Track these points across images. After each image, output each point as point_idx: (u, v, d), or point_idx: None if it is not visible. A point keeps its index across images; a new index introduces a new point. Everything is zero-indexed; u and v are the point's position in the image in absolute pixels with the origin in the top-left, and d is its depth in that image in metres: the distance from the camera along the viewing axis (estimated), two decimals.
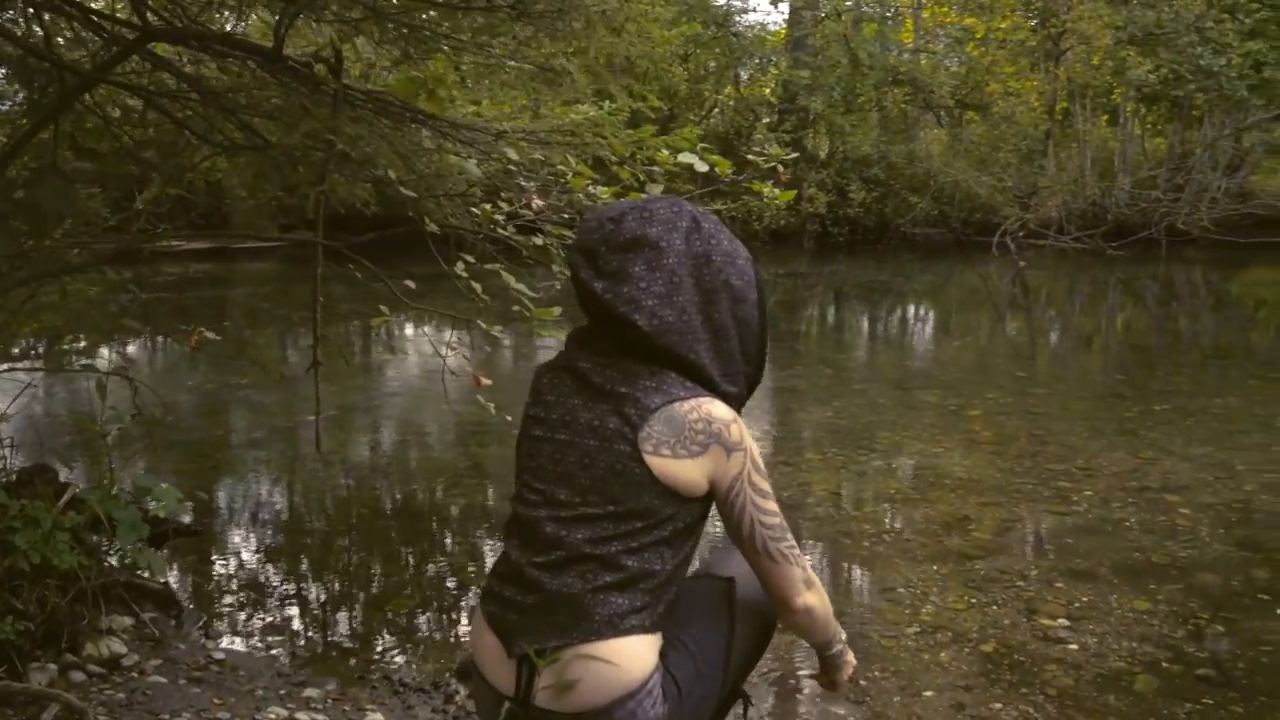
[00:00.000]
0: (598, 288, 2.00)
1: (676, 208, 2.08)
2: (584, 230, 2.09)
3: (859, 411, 6.83)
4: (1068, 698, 3.28)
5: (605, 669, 1.95)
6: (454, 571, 4.24)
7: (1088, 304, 14.27)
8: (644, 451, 1.94)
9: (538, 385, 2.12)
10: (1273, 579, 4.27)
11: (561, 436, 2.02)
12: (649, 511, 1.96)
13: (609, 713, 1.97)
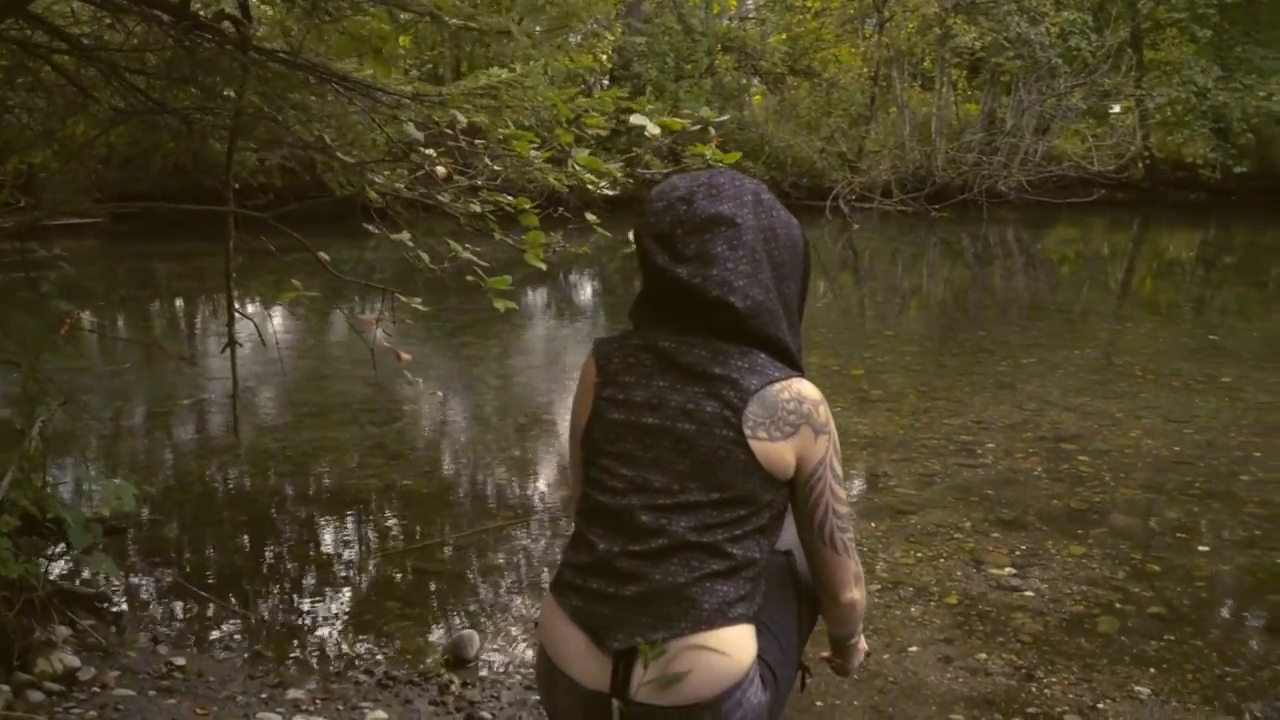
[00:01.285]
0: (682, 273, 1.92)
1: (737, 180, 2.02)
2: (653, 213, 1.99)
3: None
4: (1043, 644, 3.39)
5: (717, 660, 1.89)
6: (402, 556, 4.03)
7: (921, 264, 14.90)
8: (747, 436, 1.89)
9: (607, 366, 2.00)
10: (1184, 518, 4.55)
11: (649, 420, 1.93)
12: (751, 498, 1.92)
13: (717, 705, 1.90)
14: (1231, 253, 17.70)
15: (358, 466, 5.13)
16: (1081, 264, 15.24)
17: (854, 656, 2.35)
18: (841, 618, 2.17)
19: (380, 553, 4.06)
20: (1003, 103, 20.09)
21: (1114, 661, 3.28)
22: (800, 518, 2.03)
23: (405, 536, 4.23)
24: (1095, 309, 10.67)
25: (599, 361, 2.03)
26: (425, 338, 7.84)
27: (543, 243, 3.41)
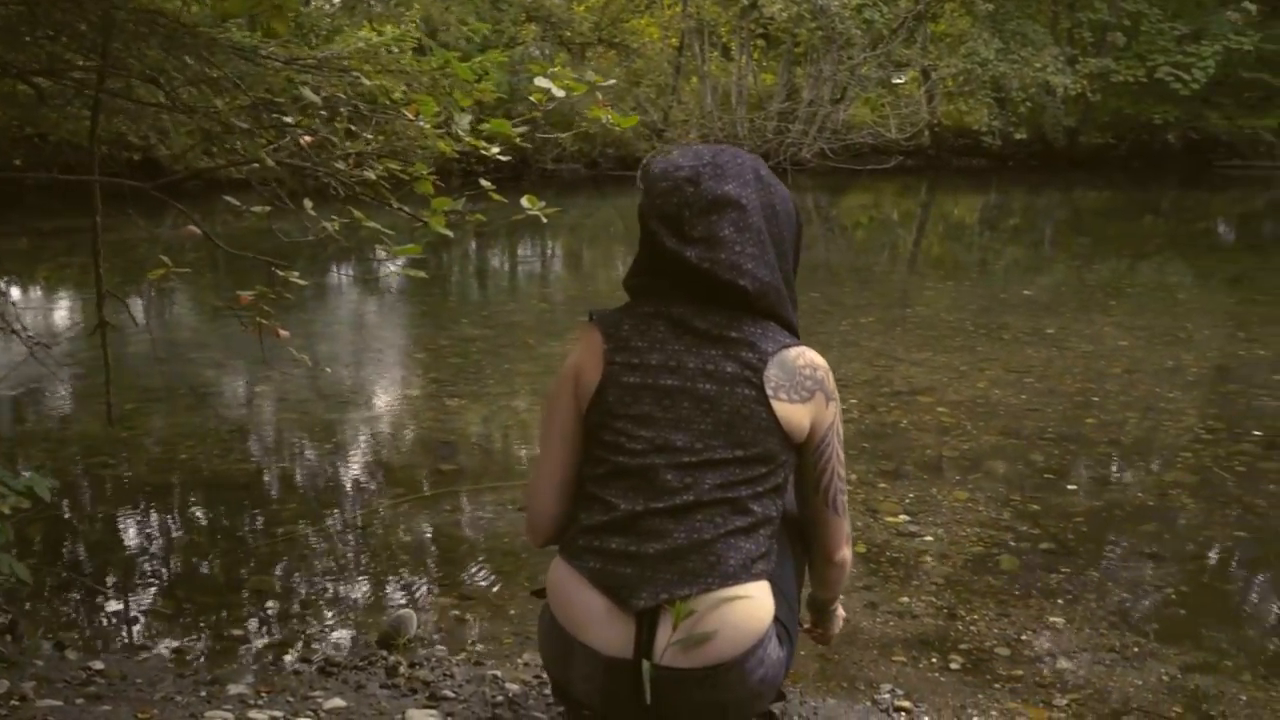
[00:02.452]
0: (692, 256, 1.96)
1: (738, 157, 2.08)
2: (659, 194, 2.01)
3: None
4: (956, 584, 3.56)
5: (742, 616, 1.92)
6: (305, 539, 3.86)
7: None
8: (769, 396, 1.95)
9: (615, 333, 2.02)
10: (1047, 460, 4.86)
11: (667, 382, 1.96)
12: (770, 456, 1.97)
13: (741, 664, 1.93)
14: (1013, 215, 18.99)
15: (233, 450, 4.90)
16: (878, 228, 16.01)
17: (835, 623, 2.46)
18: (833, 578, 2.26)
19: (281, 538, 3.86)
20: (797, 73, 20.80)
21: (1024, 596, 3.48)
22: (807, 480, 2.10)
23: (304, 519, 4.04)
24: (913, 270, 11.23)
25: (605, 330, 2.03)
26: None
27: (449, 209, 3.32)
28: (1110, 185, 24.37)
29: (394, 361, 6.31)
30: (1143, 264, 12.33)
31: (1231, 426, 5.37)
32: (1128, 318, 8.41)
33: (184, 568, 3.64)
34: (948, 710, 2.71)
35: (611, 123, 3.61)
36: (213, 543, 3.86)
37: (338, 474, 4.56)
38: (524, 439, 4.93)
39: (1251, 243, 16.23)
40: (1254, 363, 6.91)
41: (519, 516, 3.98)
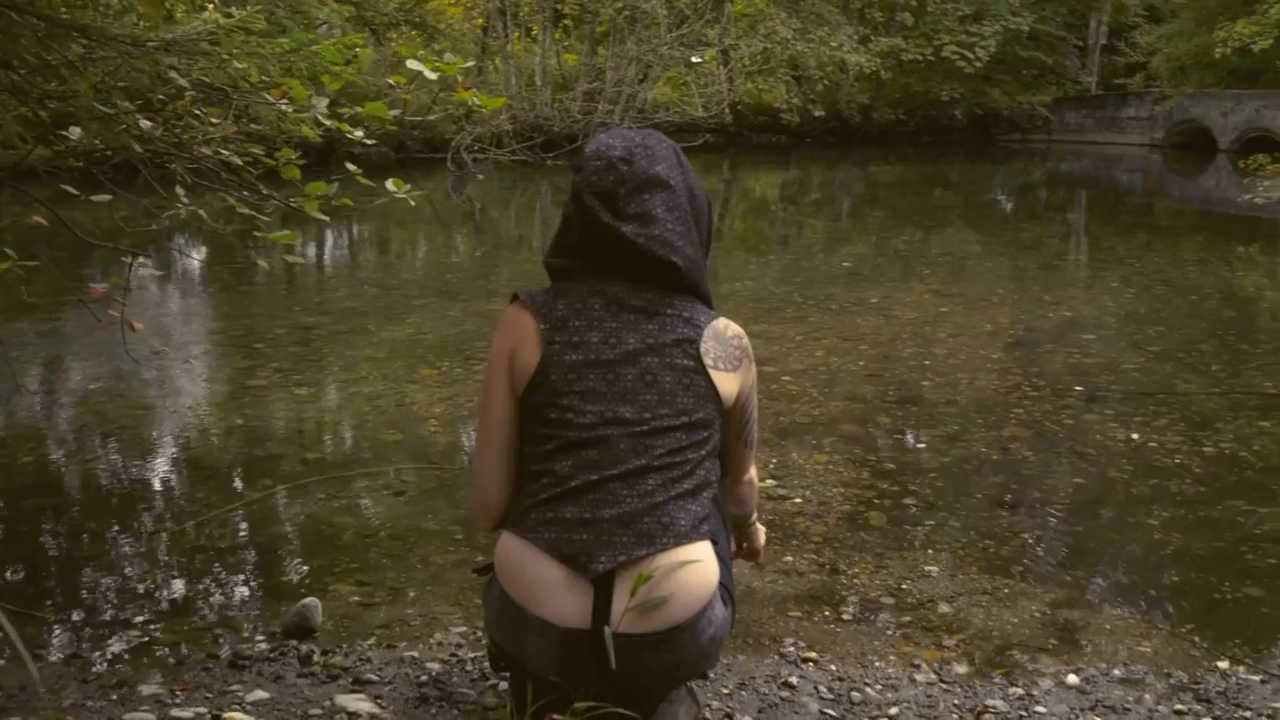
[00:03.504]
0: (627, 231, 2.07)
1: (663, 141, 2.20)
2: (594, 171, 2.11)
3: (440, 326, 6.88)
4: (833, 541, 3.75)
5: (694, 579, 2.02)
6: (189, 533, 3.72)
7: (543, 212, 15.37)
8: (708, 366, 2.08)
9: (550, 314, 2.09)
10: (894, 422, 5.16)
11: (610, 357, 2.05)
12: (709, 422, 2.10)
13: (694, 625, 2.03)
14: (813, 190, 19.73)
15: (83, 450, 4.69)
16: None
17: (758, 537, 2.60)
18: (745, 495, 2.41)
19: (155, 536, 3.71)
20: (600, 53, 20.97)
21: (897, 548, 3.70)
22: (733, 434, 2.26)
23: (174, 516, 3.89)
24: (718, 246, 11.54)
25: (539, 311, 2.10)
26: None
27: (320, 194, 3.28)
28: (902, 159, 25.62)
29: (233, 352, 6.11)
30: (940, 234, 13.05)
31: (1053, 383, 5.80)
32: (943, 285, 8.92)
33: (61, 572, 3.47)
34: (850, 658, 2.87)
35: (479, 105, 3.63)
36: (85, 545, 3.69)
37: (200, 469, 4.41)
38: (383, 423, 4.89)
39: (1034, 211, 17.41)
40: (1061, 323, 7.46)
41: (397, 500, 3.97)
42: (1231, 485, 4.34)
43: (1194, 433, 4.96)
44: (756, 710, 2.50)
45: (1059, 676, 2.79)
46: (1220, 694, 2.71)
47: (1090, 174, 24.64)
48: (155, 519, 3.87)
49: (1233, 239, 13.29)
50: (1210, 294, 8.99)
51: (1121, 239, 13.45)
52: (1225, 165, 24.95)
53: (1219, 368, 6.30)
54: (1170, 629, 3.12)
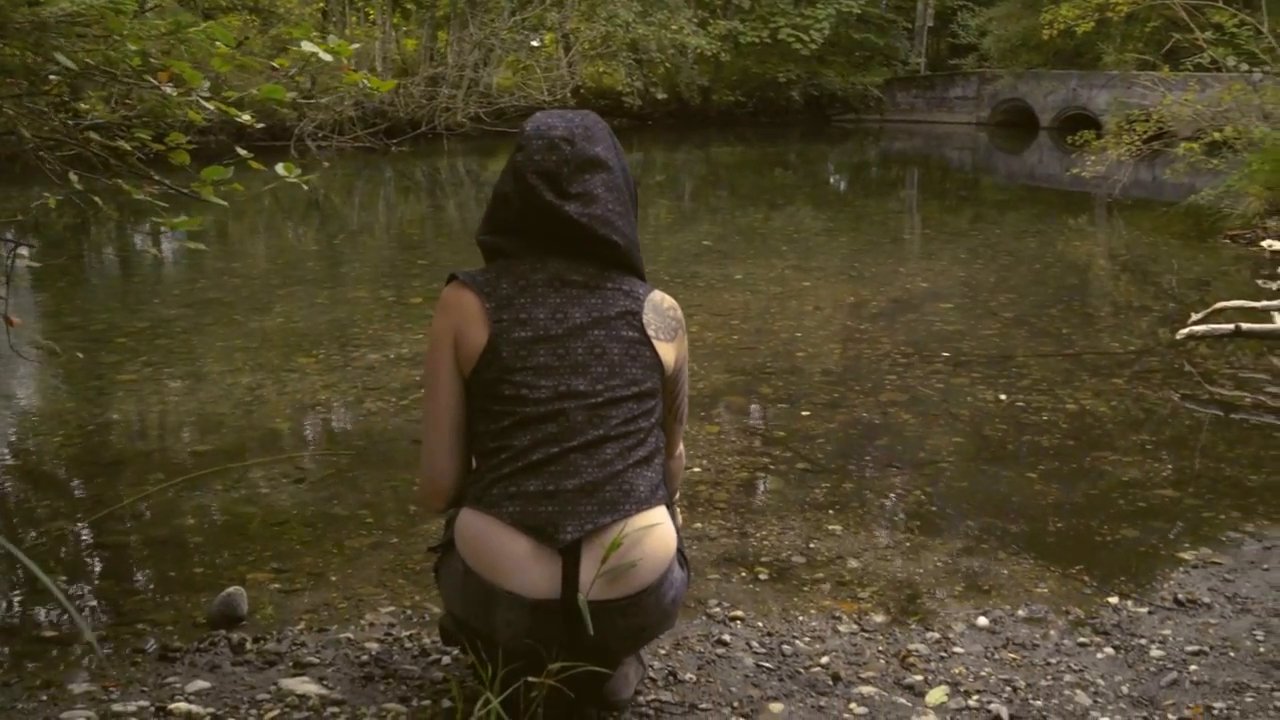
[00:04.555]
0: (571, 210, 2.13)
1: (599, 122, 2.28)
2: (536, 151, 2.16)
3: (310, 314, 6.74)
4: (738, 507, 3.86)
5: (657, 543, 2.10)
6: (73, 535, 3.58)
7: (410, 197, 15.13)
8: (651, 337, 2.17)
9: (494, 292, 2.13)
10: (775, 392, 5.31)
11: (558, 332, 2.11)
12: (655, 391, 2.19)
13: (658, 588, 2.12)
14: (657, 171, 19.93)
15: None
16: None
17: (676, 517, 2.65)
18: (675, 470, 2.48)
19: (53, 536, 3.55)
20: (440, 37, 20.73)
21: (799, 510, 3.84)
22: (666, 402, 2.32)
23: (67, 514, 3.74)
24: None
25: (482, 290, 2.14)
26: None
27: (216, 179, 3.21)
28: (742, 140, 26.10)
29: (95, 348, 5.86)
30: (786, 212, 13.39)
31: (920, 350, 6.07)
32: (801, 260, 9.18)
33: None
34: (774, 614, 2.98)
35: (370, 86, 3.61)
36: None
37: (85, 467, 4.24)
38: (269, 413, 4.80)
39: (873, 189, 18.00)
40: (919, 294, 7.78)
41: (299, 488, 3.92)
42: (1096, 438, 4.63)
43: (1055, 391, 5.26)
44: (696, 667, 2.59)
45: (970, 619, 2.96)
46: (1115, 626, 2.92)
47: (922, 152, 25.56)
48: (47, 520, 3.72)
49: (1063, 211, 14.01)
50: (1051, 263, 9.49)
51: (962, 213, 14.05)
52: (1047, 142, 26.23)
53: (1069, 330, 6.68)
54: (1062, 571, 3.33)
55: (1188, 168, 11.59)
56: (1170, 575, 3.30)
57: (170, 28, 3.51)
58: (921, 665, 2.66)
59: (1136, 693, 2.54)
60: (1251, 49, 10.28)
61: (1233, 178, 10.70)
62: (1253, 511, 3.84)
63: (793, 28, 27.88)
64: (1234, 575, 3.26)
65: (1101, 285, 8.89)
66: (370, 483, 4.00)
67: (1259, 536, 3.59)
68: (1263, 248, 9.18)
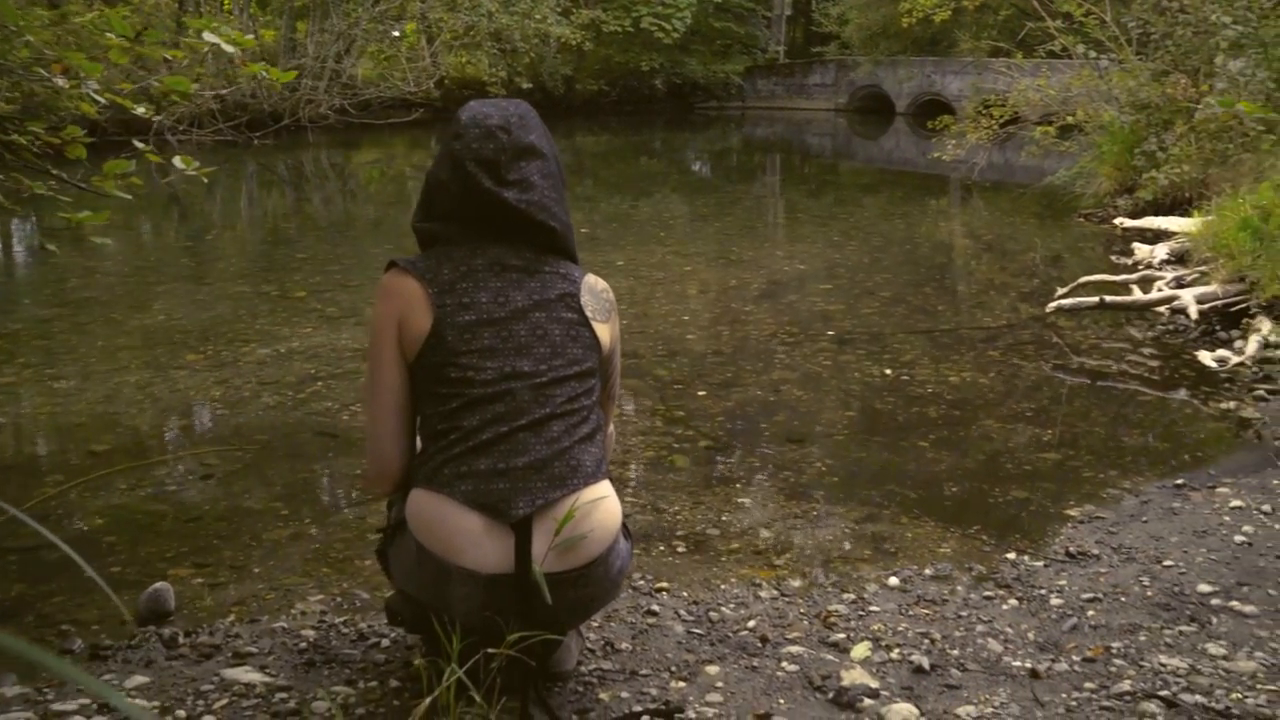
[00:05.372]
0: (509, 197, 2.20)
1: (530, 110, 2.34)
2: (474, 139, 2.21)
3: (192, 310, 6.60)
4: (648, 484, 3.96)
5: (605, 515, 2.18)
6: None
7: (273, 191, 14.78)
8: (589, 318, 2.25)
9: (436, 278, 2.18)
10: (670, 374, 5.41)
11: (500, 315, 2.17)
12: (595, 370, 2.27)
13: (606, 558, 2.20)
14: None
15: None
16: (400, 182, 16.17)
17: None
18: (608, 446, 2.52)
19: None
20: (300, 28, 20.29)
21: (707, 485, 3.96)
22: (601, 381, 2.38)
23: None
24: None
25: (423, 276, 2.18)
26: None
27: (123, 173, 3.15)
28: (606, 129, 26.20)
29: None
30: (655, 199, 13.54)
31: (805, 329, 6.26)
32: (681, 246, 9.33)
33: None
34: (697, 584, 3.09)
35: (270, 77, 3.59)
36: None
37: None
38: (163, 411, 4.71)
39: (740, 175, 18.31)
40: (798, 276, 8.00)
41: (207, 484, 3.87)
42: (979, 407, 4.87)
43: (938, 365, 5.50)
44: (631, 637, 2.67)
45: (881, 580, 3.11)
46: (1015, 579, 3.10)
47: (784, 138, 26.07)
48: None
49: (925, 194, 14.50)
50: (920, 243, 9.85)
51: (829, 198, 14.42)
52: (903, 127, 27.03)
53: (943, 307, 6.97)
54: (962, 532, 3.52)
55: (1041, 150, 12.12)
56: (1060, 531, 3.51)
57: (56, 18, 3.44)
58: (843, 624, 2.79)
59: (1042, 638, 2.70)
60: (1099, 36, 10.80)
61: (1085, 160, 11.25)
62: (1128, 469, 4.10)
63: (654, 16, 28.10)
64: (1117, 528, 3.48)
65: (969, 264, 9.26)
66: (279, 476, 3.97)
67: (1135, 492, 3.83)
68: (1114, 225, 9.67)
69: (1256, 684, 2.41)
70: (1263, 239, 5.92)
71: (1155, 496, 3.76)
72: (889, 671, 2.51)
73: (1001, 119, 11.79)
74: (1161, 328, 6.20)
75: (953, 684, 2.44)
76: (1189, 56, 9.87)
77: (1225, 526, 3.38)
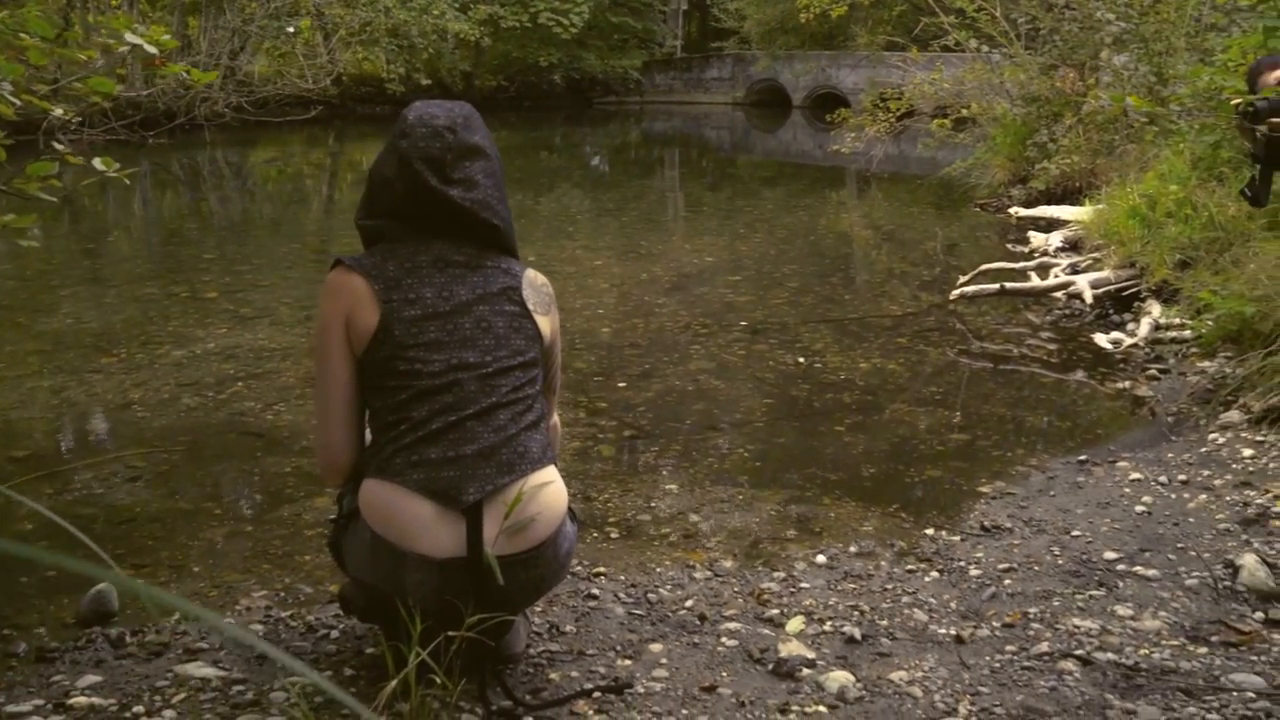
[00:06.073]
0: (455, 195, 2.29)
1: (474, 112, 2.43)
2: (421, 139, 2.29)
3: (100, 314, 6.49)
4: (578, 474, 4.03)
5: (552, 499, 2.30)
6: None
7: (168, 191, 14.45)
8: (531, 310, 2.35)
9: (381, 274, 2.26)
10: (589, 366, 5.51)
11: (445, 309, 2.26)
12: (538, 361, 2.37)
13: (554, 541, 2.31)
14: None
15: None
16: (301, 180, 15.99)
17: None
18: (555, 437, 2.64)
19: None
20: (192, 24, 19.88)
21: (634, 473, 4.07)
22: (545, 377, 2.49)
23: None
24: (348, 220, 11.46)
25: (369, 273, 2.26)
26: None
27: (46, 175, 3.14)
28: (506, 125, 26.10)
29: None
30: (557, 194, 13.61)
31: (718, 320, 6.40)
32: (590, 240, 9.42)
33: None
34: (633, 568, 3.19)
35: (191, 78, 3.61)
36: None
37: None
38: (81, 414, 4.66)
39: (641, 169, 18.45)
40: (707, 268, 8.15)
41: (136, 486, 3.86)
42: (890, 392, 5.05)
43: (848, 353, 5.68)
44: (574, 620, 2.76)
45: (809, 558, 3.25)
46: (935, 553, 3.26)
47: (683, 132, 26.32)
48: None
49: (825, 186, 14.80)
50: (824, 235, 10.08)
51: (733, 190, 14.63)
52: (800, 120, 27.47)
53: (850, 296, 7.17)
54: (882, 510, 3.68)
55: (937, 142, 12.48)
56: (974, 507, 3.68)
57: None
58: (776, 601, 2.91)
59: (963, 607, 2.86)
60: (990, 31, 11.16)
61: (980, 151, 11.61)
62: (1034, 447, 4.31)
63: (552, 12, 28.12)
64: (1027, 503, 3.67)
65: (872, 253, 9.51)
66: (208, 476, 3.98)
67: (1042, 469, 4.04)
68: (1009, 214, 10.01)
69: (1161, 640, 2.59)
70: (1150, 226, 6.22)
71: (1060, 472, 3.96)
72: (823, 642, 2.64)
73: (898, 112, 12.10)
74: (1059, 312, 6.47)
75: (884, 652, 2.58)
76: (1076, 51, 10.25)
77: (1126, 498, 3.58)
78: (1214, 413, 4.30)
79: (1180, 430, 4.26)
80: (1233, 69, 5.95)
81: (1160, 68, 8.92)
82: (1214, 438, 4.03)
